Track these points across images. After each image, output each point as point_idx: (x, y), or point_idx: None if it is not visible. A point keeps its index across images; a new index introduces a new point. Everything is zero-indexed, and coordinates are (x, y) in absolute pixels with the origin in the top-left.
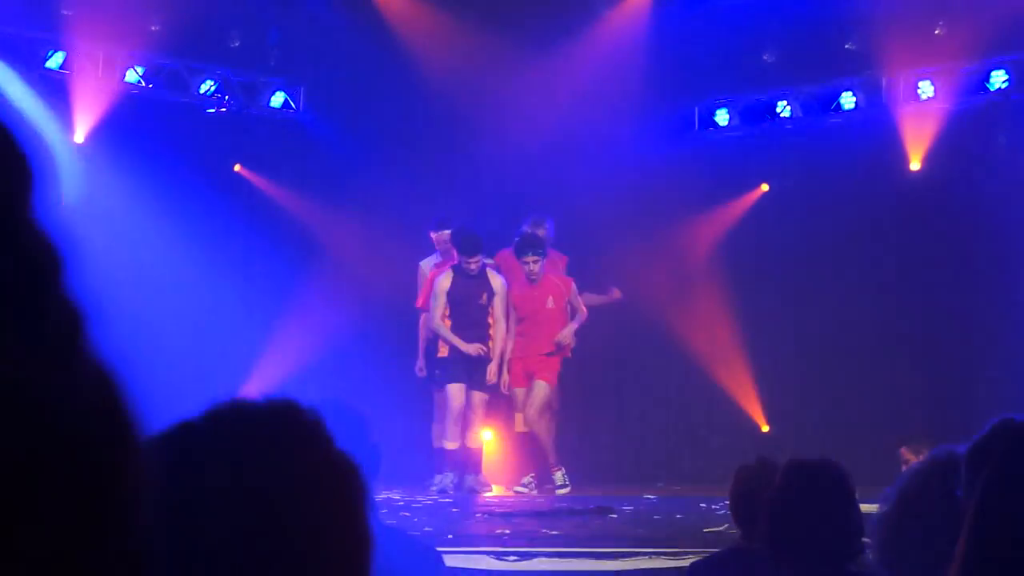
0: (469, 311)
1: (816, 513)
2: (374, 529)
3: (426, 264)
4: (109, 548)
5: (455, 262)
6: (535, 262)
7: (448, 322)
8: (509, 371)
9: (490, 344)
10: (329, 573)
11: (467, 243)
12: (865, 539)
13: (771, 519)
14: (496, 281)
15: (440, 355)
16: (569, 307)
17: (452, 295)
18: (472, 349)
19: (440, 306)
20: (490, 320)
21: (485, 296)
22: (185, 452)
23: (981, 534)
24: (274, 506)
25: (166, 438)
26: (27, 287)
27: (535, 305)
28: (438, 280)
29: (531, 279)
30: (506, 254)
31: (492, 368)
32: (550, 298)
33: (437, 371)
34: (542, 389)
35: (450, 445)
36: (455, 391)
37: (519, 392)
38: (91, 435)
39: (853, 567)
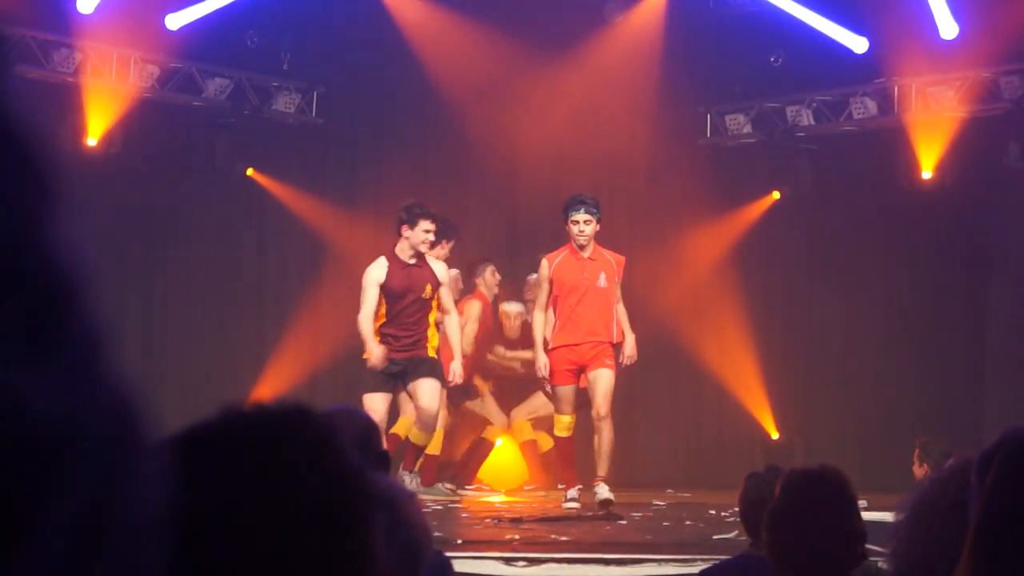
0: (408, 306)
1: (816, 521)
2: (378, 546)
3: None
4: (114, 566)
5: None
6: (587, 222)
7: (383, 319)
8: (552, 367)
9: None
10: None
11: (421, 211)
12: (870, 546)
13: (771, 528)
14: (440, 268)
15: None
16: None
17: (388, 288)
18: (375, 358)
19: (370, 300)
20: (432, 316)
21: (429, 288)
22: (193, 457)
23: (983, 543)
24: (284, 513)
25: (175, 442)
26: (46, 309)
27: (584, 282)
28: (369, 271)
29: (579, 241)
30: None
31: (455, 368)
32: (602, 275)
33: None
34: (608, 378)
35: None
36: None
37: (565, 391)
38: (107, 461)
39: (858, 574)
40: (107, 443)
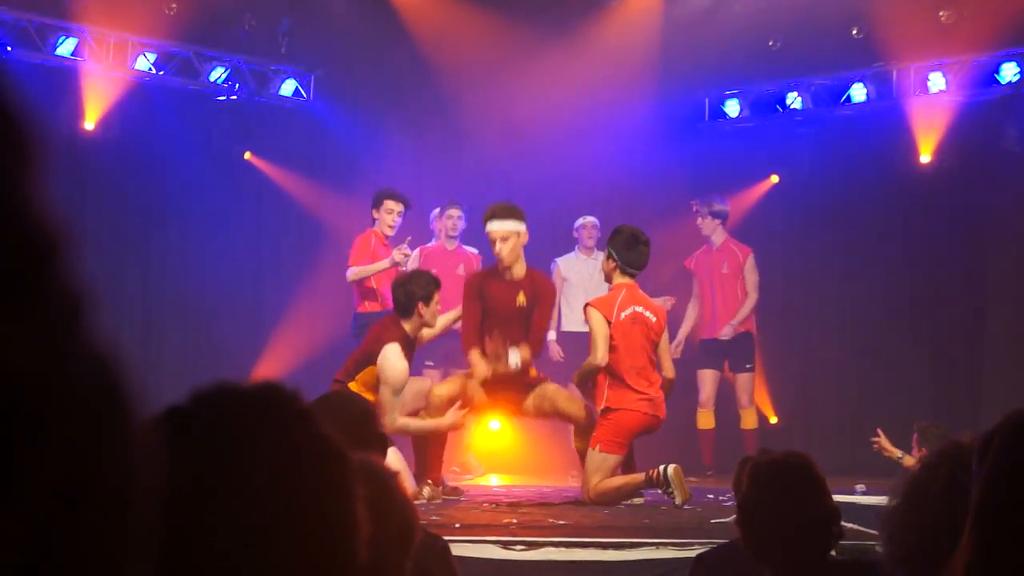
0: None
1: (787, 507)
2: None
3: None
4: (98, 535)
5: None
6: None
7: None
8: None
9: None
10: (314, 557)
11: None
12: (867, 530)
13: (744, 521)
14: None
15: None
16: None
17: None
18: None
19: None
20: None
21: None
22: (170, 433)
23: (983, 526)
24: (256, 489)
25: (154, 422)
26: (24, 269)
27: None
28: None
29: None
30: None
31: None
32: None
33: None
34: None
35: None
36: None
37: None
38: (85, 420)
39: (834, 555)
40: (85, 405)
